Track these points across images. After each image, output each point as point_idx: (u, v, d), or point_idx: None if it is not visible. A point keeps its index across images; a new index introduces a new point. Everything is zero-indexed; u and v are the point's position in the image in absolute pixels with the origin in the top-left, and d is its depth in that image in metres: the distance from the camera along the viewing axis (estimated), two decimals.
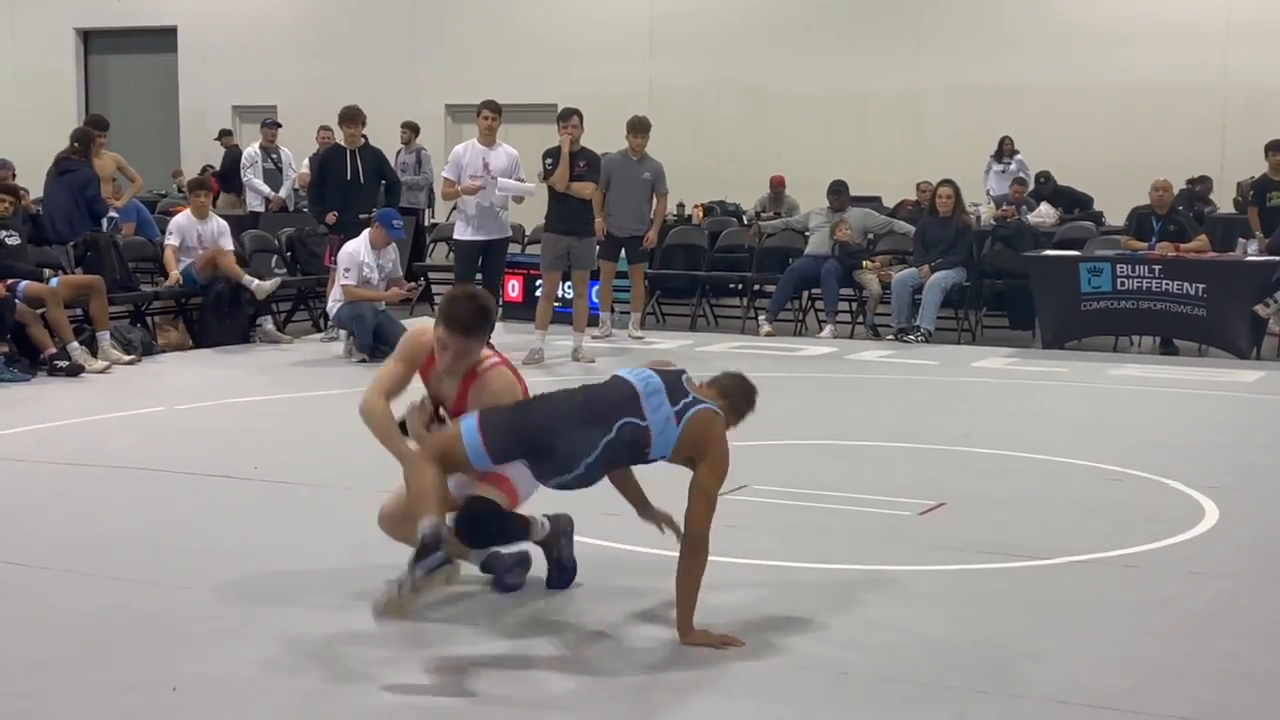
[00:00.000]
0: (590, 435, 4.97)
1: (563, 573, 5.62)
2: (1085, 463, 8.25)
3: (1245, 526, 6.84)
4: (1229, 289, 13.08)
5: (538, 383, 11.32)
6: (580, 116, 12.61)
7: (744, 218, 18.07)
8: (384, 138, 17.60)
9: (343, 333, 12.74)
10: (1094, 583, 5.90)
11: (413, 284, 13.30)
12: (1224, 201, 18.17)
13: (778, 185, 18.46)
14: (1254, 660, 4.99)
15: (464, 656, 4.90)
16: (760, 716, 4.43)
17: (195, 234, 13.48)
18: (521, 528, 5.29)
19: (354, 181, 13.64)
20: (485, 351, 5.37)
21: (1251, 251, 14.13)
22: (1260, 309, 13.05)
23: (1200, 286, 13.08)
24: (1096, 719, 4.40)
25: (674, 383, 5.07)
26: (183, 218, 13.67)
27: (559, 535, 5.57)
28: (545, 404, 5.17)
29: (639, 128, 13.79)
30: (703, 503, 4.92)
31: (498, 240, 12.65)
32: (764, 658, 4.90)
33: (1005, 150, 19.19)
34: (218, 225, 13.67)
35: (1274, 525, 6.96)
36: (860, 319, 14.81)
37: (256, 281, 13.29)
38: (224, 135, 21.66)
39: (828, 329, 14.47)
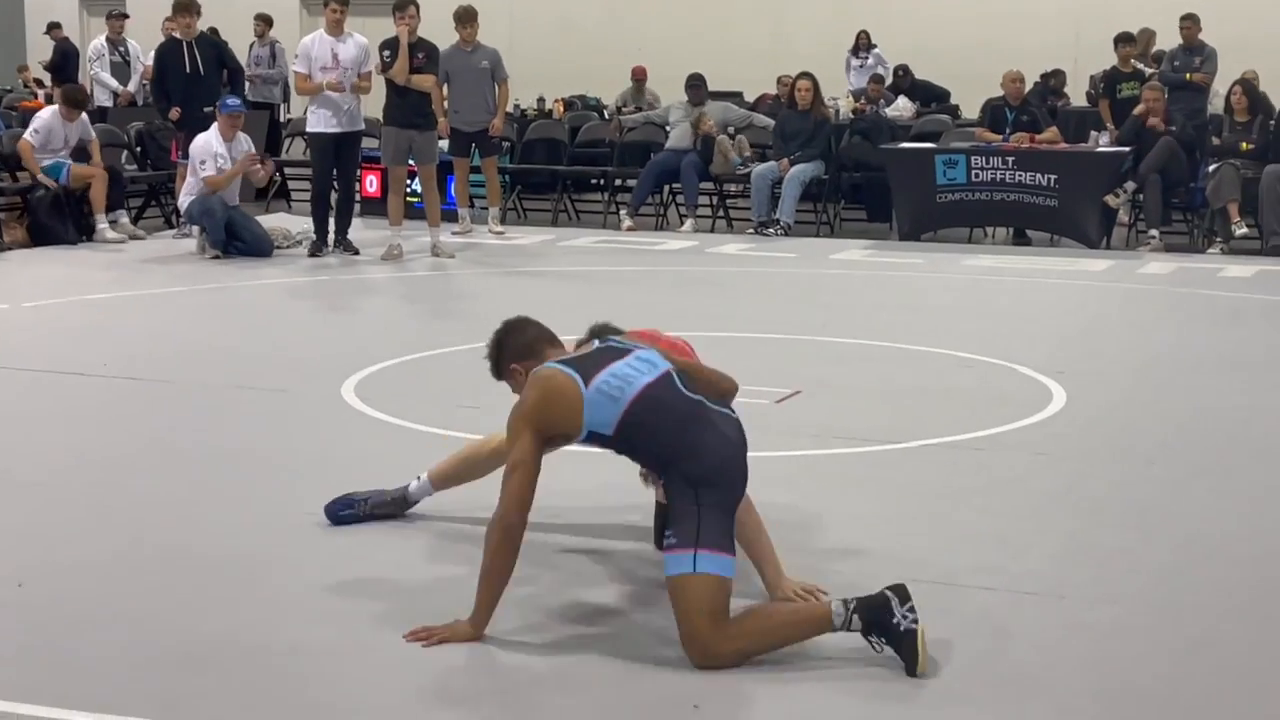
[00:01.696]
0: None
1: None
2: (938, 350, 8.39)
3: (1090, 409, 7.00)
4: (1080, 180, 13.29)
5: (391, 278, 11.34)
6: (417, 6, 12.34)
7: (605, 112, 17.96)
8: (237, 31, 17.20)
9: (195, 229, 12.51)
10: (942, 465, 6.01)
11: (266, 159, 13.07)
12: (1078, 96, 18.40)
13: (639, 76, 18.35)
14: (1096, 536, 5.12)
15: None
16: (603, 599, 4.47)
17: (62, 135, 13.17)
18: None
19: (194, 74, 13.32)
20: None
21: (1103, 143, 14.39)
22: (1110, 199, 13.30)
23: (1052, 177, 13.28)
24: (941, 596, 4.47)
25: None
26: (49, 116, 13.28)
27: None
28: None
29: (466, 17, 13.62)
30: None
31: (352, 133, 12.42)
32: (617, 539, 4.96)
33: (862, 44, 19.24)
34: (83, 124, 13.41)
35: (1118, 408, 7.13)
36: (720, 213, 14.86)
37: (103, 226, 13.06)
38: (53, 28, 20.97)
39: (688, 223, 14.50)
